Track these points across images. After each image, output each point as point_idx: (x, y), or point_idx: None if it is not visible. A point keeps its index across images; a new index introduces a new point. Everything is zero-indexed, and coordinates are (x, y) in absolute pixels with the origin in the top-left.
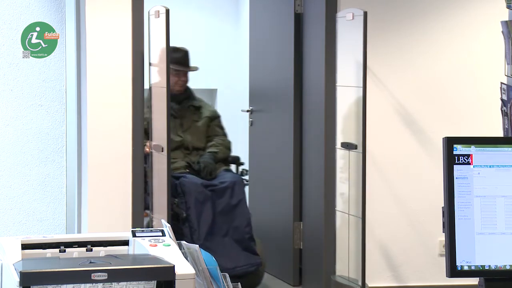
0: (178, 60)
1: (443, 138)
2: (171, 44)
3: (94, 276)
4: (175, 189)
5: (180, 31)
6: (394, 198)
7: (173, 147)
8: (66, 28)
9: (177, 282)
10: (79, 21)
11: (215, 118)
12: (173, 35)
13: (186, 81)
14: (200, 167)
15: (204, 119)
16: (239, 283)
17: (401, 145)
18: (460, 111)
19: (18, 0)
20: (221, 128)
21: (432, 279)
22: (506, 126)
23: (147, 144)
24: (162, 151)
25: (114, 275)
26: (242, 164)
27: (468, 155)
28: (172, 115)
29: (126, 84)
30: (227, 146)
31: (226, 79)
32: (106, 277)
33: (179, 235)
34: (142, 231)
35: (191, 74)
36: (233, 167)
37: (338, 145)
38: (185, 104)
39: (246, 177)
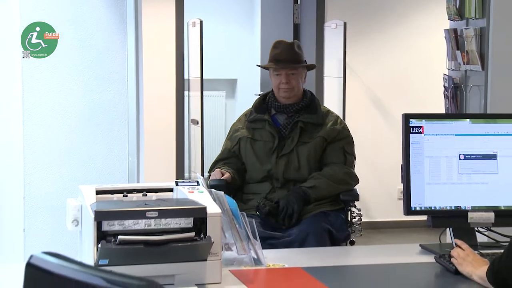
0: (274, 56)
1: (402, 114)
2: (204, 48)
3: (148, 214)
4: None
5: (211, 37)
6: (366, 159)
7: (259, 179)
8: (127, 33)
9: (208, 219)
10: (137, 28)
11: (337, 139)
12: (206, 39)
13: (294, 84)
14: (271, 208)
15: (317, 139)
16: (253, 220)
17: (372, 120)
18: (415, 94)
19: (87, 13)
20: (345, 153)
21: (393, 216)
22: (447, 106)
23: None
24: (198, 124)
25: (163, 213)
26: (354, 205)
27: (420, 127)
28: (270, 134)
29: (171, 75)
30: (338, 179)
31: (243, 71)
32: (157, 215)
33: None
34: (183, 182)
35: (216, 66)
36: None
37: None
38: (293, 119)
39: (358, 221)
